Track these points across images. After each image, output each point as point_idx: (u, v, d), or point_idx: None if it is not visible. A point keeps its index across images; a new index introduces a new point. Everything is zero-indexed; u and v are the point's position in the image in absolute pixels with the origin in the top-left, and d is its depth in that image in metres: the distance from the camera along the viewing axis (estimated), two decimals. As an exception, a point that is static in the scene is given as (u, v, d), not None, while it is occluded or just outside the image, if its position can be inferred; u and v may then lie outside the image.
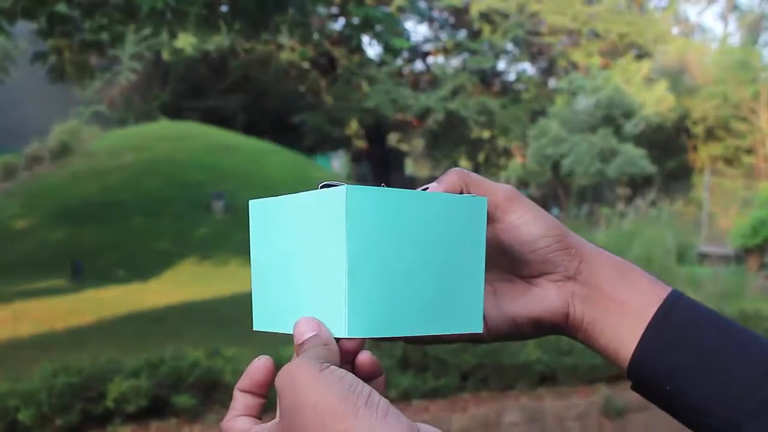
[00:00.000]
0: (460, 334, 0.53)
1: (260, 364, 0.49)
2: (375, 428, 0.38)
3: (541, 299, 0.55)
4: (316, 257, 0.48)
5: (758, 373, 0.50)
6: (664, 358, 0.52)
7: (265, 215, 0.53)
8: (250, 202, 0.55)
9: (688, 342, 0.52)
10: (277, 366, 0.44)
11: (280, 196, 0.52)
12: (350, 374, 0.42)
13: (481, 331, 0.52)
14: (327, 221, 0.46)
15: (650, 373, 0.53)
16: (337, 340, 0.46)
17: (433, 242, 0.49)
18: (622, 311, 0.54)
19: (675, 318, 0.53)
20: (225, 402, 4.10)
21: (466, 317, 0.51)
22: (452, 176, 0.54)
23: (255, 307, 0.55)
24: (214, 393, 4.18)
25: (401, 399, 4.51)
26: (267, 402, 0.49)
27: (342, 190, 0.45)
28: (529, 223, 0.54)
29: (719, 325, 0.53)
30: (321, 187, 0.48)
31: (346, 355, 0.46)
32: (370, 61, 21.03)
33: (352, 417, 0.39)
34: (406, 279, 0.47)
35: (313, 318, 0.46)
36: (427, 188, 0.53)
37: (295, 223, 0.50)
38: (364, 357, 0.47)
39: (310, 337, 0.45)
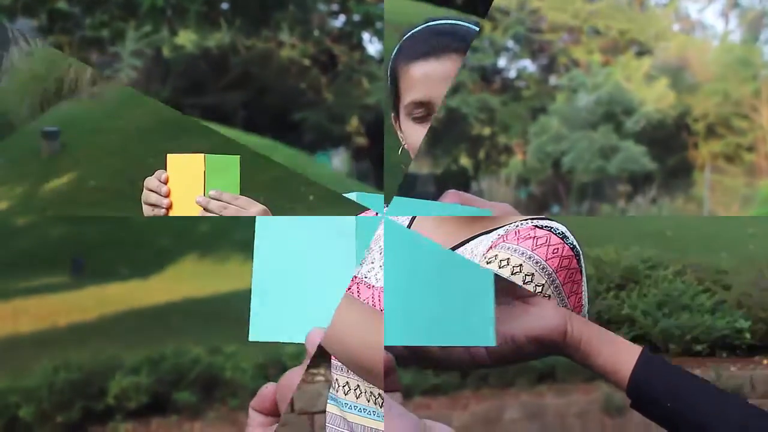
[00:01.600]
0: (467, 360, 0.57)
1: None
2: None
3: (539, 318, 0.56)
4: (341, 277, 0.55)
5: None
6: (664, 375, 0.53)
7: (280, 233, 0.58)
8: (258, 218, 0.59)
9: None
10: (282, 368, 0.50)
11: (294, 218, 0.57)
12: None
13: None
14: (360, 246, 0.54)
15: (651, 390, 0.53)
16: None
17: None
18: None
19: None
20: (226, 399, 4.12)
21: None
22: (449, 200, 0.59)
23: (255, 318, 0.58)
24: (215, 390, 4.18)
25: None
26: None
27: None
28: None
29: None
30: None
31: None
32: (370, 58, 21.02)
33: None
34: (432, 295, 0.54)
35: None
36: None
37: (323, 244, 0.57)
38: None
39: None
